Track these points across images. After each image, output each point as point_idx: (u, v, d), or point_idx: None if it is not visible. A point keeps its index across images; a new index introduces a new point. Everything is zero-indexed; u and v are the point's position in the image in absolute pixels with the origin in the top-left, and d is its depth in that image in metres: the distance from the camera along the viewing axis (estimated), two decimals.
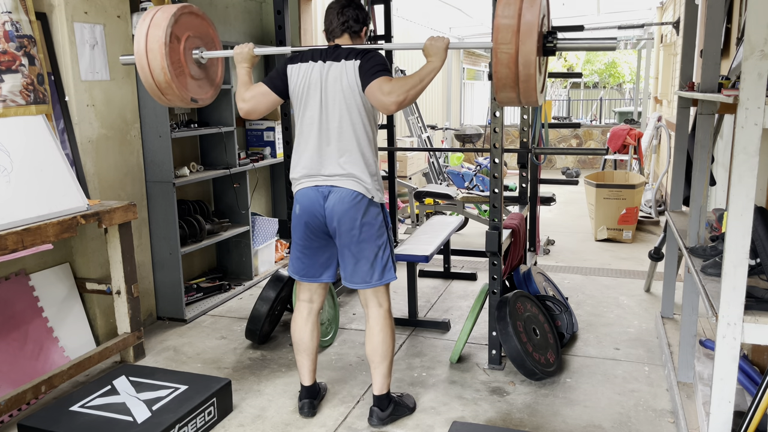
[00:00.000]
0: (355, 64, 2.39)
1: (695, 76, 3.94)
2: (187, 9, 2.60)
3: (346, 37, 2.52)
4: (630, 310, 3.96)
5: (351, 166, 2.43)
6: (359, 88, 2.39)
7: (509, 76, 2.16)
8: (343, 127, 2.42)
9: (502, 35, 2.12)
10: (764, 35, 1.64)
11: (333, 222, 2.46)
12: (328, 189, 2.45)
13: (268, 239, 4.71)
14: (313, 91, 2.45)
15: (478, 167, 8.26)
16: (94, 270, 3.36)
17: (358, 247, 2.47)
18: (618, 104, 18.92)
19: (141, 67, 2.53)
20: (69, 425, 2.41)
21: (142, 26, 2.51)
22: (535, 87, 2.19)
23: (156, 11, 2.54)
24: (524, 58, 2.11)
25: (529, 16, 2.10)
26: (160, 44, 2.47)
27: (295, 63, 2.49)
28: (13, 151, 2.74)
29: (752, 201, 1.73)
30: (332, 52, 2.45)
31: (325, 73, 2.43)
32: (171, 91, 2.56)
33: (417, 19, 9.54)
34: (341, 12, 2.50)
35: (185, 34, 2.59)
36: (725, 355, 1.82)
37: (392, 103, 2.32)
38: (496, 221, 2.99)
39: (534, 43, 2.10)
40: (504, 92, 2.23)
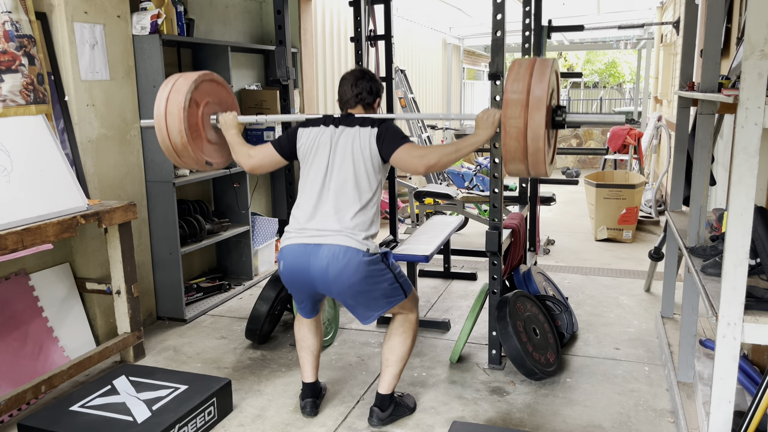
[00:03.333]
0: (372, 131, 2.44)
1: (695, 76, 3.94)
2: (208, 77, 2.74)
3: (359, 108, 2.59)
4: (630, 309, 3.96)
5: (345, 223, 2.38)
6: (372, 153, 2.43)
7: (518, 149, 2.21)
8: (346, 188, 2.42)
9: (512, 110, 2.18)
10: (764, 35, 1.64)
11: (329, 281, 2.37)
12: (315, 247, 2.36)
13: (268, 239, 4.71)
14: (321, 151, 2.48)
15: (478, 167, 8.26)
16: (94, 270, 3.36)
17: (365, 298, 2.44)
18: (618, 104, 18.92)
19: (159, 130, 2.64)
20: (69, 425, 2.41)
21: (164, 91, 2.63)
22: (543, 160, 2.23)
23: (178, 78, 2.68)
24: (533, 132, 2.17)
25: (538, 92, 2.16)
26: (179, 108, 2.58)
27: (307, 127, 2.56)
28: (13, 151, 2.74)
29: (752, 201, 1.73)
30: (345, 118, 2.52)
31: (337, 137, 2.48)
32: (187, 153, 2.67)
33: (417, 19, 9.53)
34: (355, 84, 2.57)
35: (204, 100, 2.72)
36: (725, 354, 1.82)
37: (423, 166, 2.38)
38: (496, 221, 2.99)
39: (542, 118, 2.15)
40: (513, 164, 2.28)
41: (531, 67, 2.23)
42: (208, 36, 4.43)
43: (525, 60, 2.28)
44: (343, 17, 6.69)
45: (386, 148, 2.42)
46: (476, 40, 12.72)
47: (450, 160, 2.39)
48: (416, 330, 2.65)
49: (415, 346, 3.40)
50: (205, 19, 4.40)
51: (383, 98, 2.72)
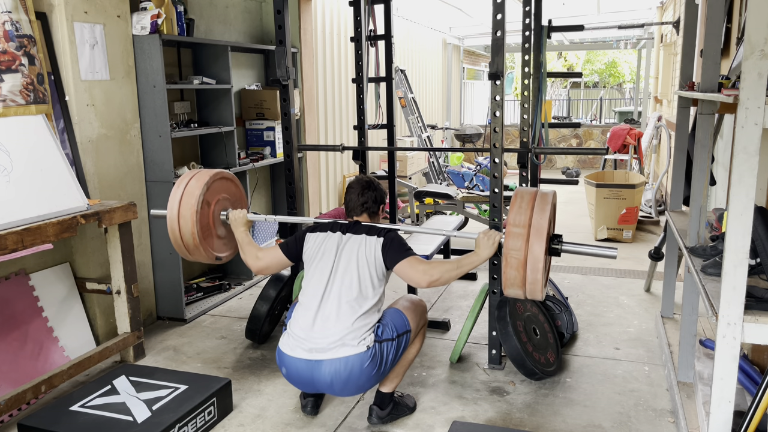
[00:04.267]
0: (378, 240, 2.52)
1: (695, 76, 3.94)
2: (219, 176, 2.86)
3: (365, 215, 2.69)
4: (630, 309, 3.96)
5: (345, 331, 2.38)
6: (376, 261, 2.49)
7: (517, 277, 2.36)
8: (349, 292, 2.45)
9: (513, 242, 2.34)
10: (764, 35, 1.64)
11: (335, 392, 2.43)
12: (316, 363, 2.37)
13: (268, 239, 4.71)
14: (327, 256, 2.53)
15: (478, 167, 8.26)
16: (94, 270, 3.36)
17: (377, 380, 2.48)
18: (618, 104, 18.92)
19: (172, 231, 2.76)
20: (69, 425, 2.41)
21: (176, 192, 2.75)
22: (540, 288, 2.36)
23: (191, 177, 2.80)
24: (533, 263, 2.31)
25: (539, 224, 2.32)
26: (192, 212, 2.71)
27: (315, 232, 2.64)
28: (13, 150, 2.74)
29: (752, 201, 1.73)
30: (352, 226, 2.59)
31: (343, 243, 2.55)
32: (198, 252, 2.80)
33: (417, 19, 9.53)
34: (361, 193, 2.68)
35: (215, 198, 2.85)
36: (725, 354, 1.82)
37: (425, 281, 2.45)
38: (496, 221, 2.99)
39: (542, 249, 2.31)
40: (511, 290, 2.42)
41: (533, 200, 2.39)
42: (208, 36, 4.43)
43: (527, 192, 2.44)
44: (343, 17, 6.69)
45: (391, 258, 2.49)
46: (476, 40, 12.72)
47: (451, 276, 2.48)
48: (425, 334, 2.69)
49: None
50: (205, 19, 4.40)
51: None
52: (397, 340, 2.48)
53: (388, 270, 2.54)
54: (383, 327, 2.47)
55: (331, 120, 6.50)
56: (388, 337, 2.46)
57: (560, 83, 22.35)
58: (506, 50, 2.89)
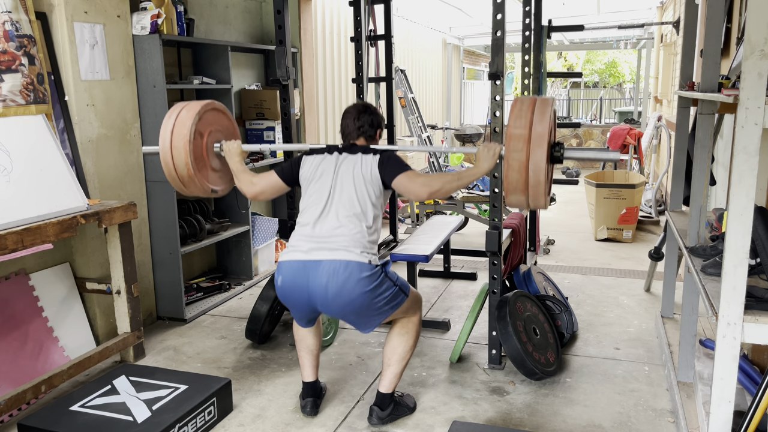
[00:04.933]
0: (374, 158, 2.51)
1: (695, 76, 3.94)
2: (211, 106, 2.77)
3: (362, 140, 2.65)
4: (630, 309, 3.96)
5: (346, 237, 2.39)
6: (373, 178, 2.48)
7: (520, 181, 2.29)
8: (348, 207, 2.45)
9: (515, 143, 2.27)
10: (764, 35, 1.64)
11: (328, 299, 2.37)
12: (315, 263, 2.37)
13: (268, 239, 4.71)
14: (324, 176, 2.53)
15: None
16: (94, 270, 3.36)
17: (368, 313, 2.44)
18: (618, 104, 18.92)
19: (165, 163, 2.68)
20: (69, 425, 2.41)
21: (167, 124, 2.67)
22: (543, 192, 2.31)
23: (181, 108, 2.71)
24: (535, 165, 2.25)
25: (540, 128, 2.25)
26: (185, 142, 2.62)
27: (311, 155, 2.62)
28: (13, 150, 2.74)
29: (752, 201, 1.73)
30: (349, 147, 2.58)
31: (340, 162, 2.54)
32: (193, 184, 2.72)
33: (417, 19, 9.53)
34: (357, 117, 2.64)
35: (208, 129, 2.76)
36: (725, 354, 1.82)
37: (425, 193, 2.44)
38: (496, 221, 2.99)
39: (544, 151, 2.24)
40: (514, 195, 2.35)
41: (532, 104, 2.34)
42: (208, 36, 4.43)
43: (526, 98, 2.38)
44: (343, 17, 6.69)
45: (388, 173, 2.48)
46: (476, 40, 12.72)
47: (452, 187, 2.45)
48: (419, 330, 2.65)
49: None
50: (205, 19, 4.40)
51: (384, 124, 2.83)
52: (396, 289, 2.46)
53: (386, 189, 2.52)
54: (390, 268, 2.48)
55: (331, 120, 6.50)
56: (392, 278, 2.46)
57: (560, 83, 22.35)
58: (506, 50, 2.89)
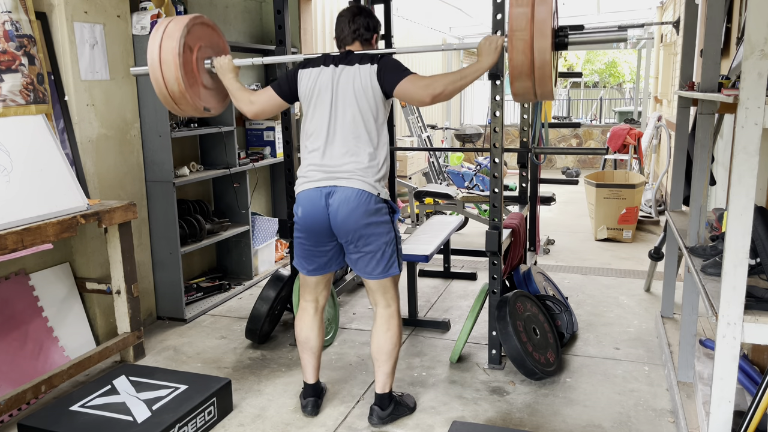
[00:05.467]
0: (372, 67, 2.41)
1: (695, 76, 3.94)
2: (199, 19, 2.66)
3: (357, 44, 2.55)
4: (630, 309, 3.96)
5: (357, 165, 2.40)
6: (374, 90, 2.41)
7: (525, 63, 2.18)
8: (353, 128, 2.42)
9: (518, 22, 2.16)
10: (764, 35, 1.64)
11: (337, 223, 2.41)
12: (331, 189, 2.40)
13: (268, 239, 4.71)
14: (323, 93, 2.45)
15: (478, 167, 8.26)
16: (94, 270, 3.36)
17: (364, 242, 2.45)
18: (618, 104, 18.91)
19: (155, 79, 2.57)
20: (69, 425, 2.41)
21: (155, 37, 2.55)
22: (550, 75, 2.20)
23: (168, 22, 2.59)
24: (539, 45, 2.14)
25: (543, 8, 2.16)
26: (174, 55, 2.52)
27: (307, 68, 2.52)
28: (13, 150, 2.74)
29: (752, 201, 1.73)
30: (344, 57, 2.48)
31: (337, 76, 2.44)
32: (185, 100, 2.61)
33: (417, 19, 9.53)
34: (352, 20, 2.52)
35: (197, 44, 2.65)
36: (725, 354, 1.82)
37: (429, 95, 2.35)
38: (496, 221, 2.99)
39: (548, 31, 2.13)
40: (520, 81, 2.24)
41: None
42: None
43: None
44: None
45: (389, 81, 2.39)
46: (476, 40, 12.69)
47: (455, 87, 2.37)
48: (400, 322, 2.61)
49: (414, 345, 3.42)
50: None
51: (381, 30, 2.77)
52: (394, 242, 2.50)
53: (388, 98, 2.46)
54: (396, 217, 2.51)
55: None
56: (395, 230, 2.51)
57: (560, 83, 22.33)
58: (506, 51, 2.88)
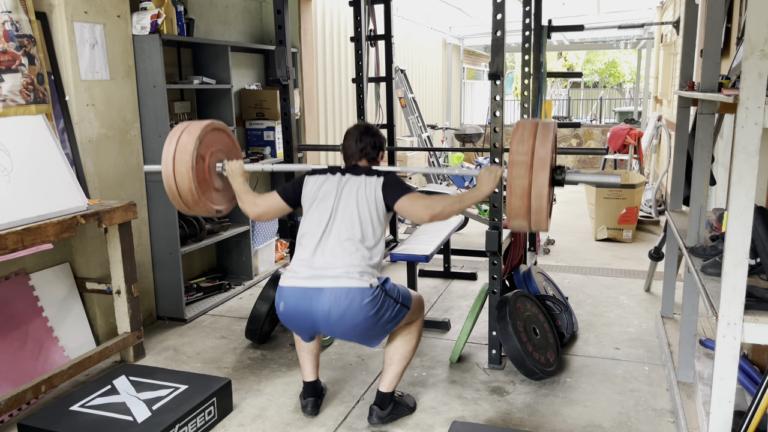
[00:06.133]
0: (378, 180, 2.51)
1: (695, 76, 3.94)
2: (210, 127, 2.76)
3: (364, 161, 2.66)
4: (630, 309, 3.96)
5: (348, 263, 2.38)
6: (377, 201, 2.48)
7: (522, 207, 2.31)
8: (349, 230, 2.44)
9: (517, 170, 2.28)
10: (764, 35, 1.64)
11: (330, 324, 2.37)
12: (317, 290, 2.35)
13: (268, 239, 4.71)
14: (327, 197, 2.52)
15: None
16: (94, 270, 3.36)
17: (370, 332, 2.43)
18: (618, 104, 18.91)
19: (169, 189, 2.69)
20: (69, 425, 2.41)
21: (168, 149, 2.66)
22: (546, 217, 2.32)
23: (181, 132, 2.69)
24: (537, 190, 2.26)
25: (542, 153, 2.27)
26: (188, 168, 2.63)
27: (314, 175, 2.62)
28: (13, 150, 2.74)
29: (752, 201, 1.73)
30: (351, 169, 2.59)
31: (343, 184, 2.54)
32: (197, 206, 2.74)
33: (417, 19, 9.53)
34: (360, 139, 2.63)
35: (209, 151, 2.77)
36: (725, 354, 1.82)
37: (428, 215, 2.44)
38: (496, 221, 2.99)
39: (546, 177, 2.26)
40: (516, 221, 2.37)
41: (534, 129, 2.35)
42: (208, 36, 4.43)
43: (528, 122, 2.39)
44: (343, 17, 6.69)
45: (391, 195, 2.48)
46: (476, 40, 12.71)
47: (453, 210, 2.46)
48: (421, 331, 2.67)
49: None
50: (205, 19, 4.40)
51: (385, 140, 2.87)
52: (398, 306, 2.45)
53: (389, 211, 2.51)
54: (390, 284, 2.46)
55: (331, 120, 6.50)
56: (393, 296, 2.45)
57: (560, 83, 22.35)
58: (506, 50, 2.89)
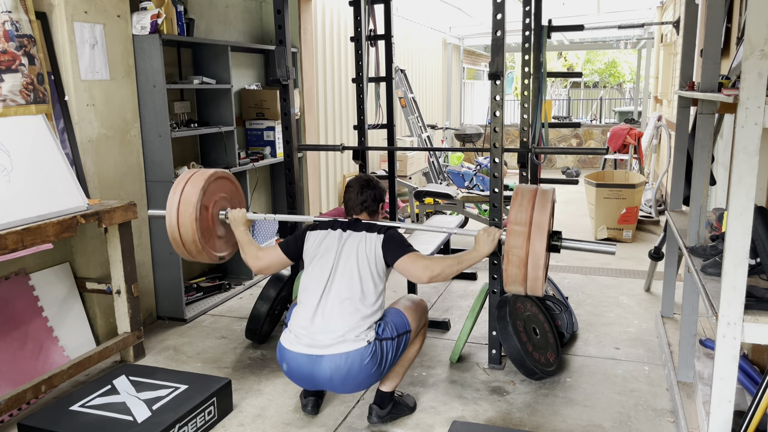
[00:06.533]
0: (378, 237, 2.53)
1: (695, 76, 3.94)
2: (214, 176, 2.82)
3: (365, 214, 2.68)
4: (630, 309, 3.96)
5: (347, 325, 2.39)
6: (377, 258, 2.50)
7: (519, 275, 2.38)
8: (349, 288, 2.45)
9: (514, 240, 2.35)
10: (764, 35, 1.64)
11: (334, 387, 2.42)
12: (317, 358, 2.36)
13: (268, 239, 4.71)
14: (328, 253, 2.54)
15: (478, 167, 8.26)
16: (94, 269, 3.36)
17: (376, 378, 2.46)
18: (618, 104, 18.91)
19: (173, 239, 2.75)
20: (69, 425, 2.41)
21: (173, 199, 2.73)
22: (541, 285, 2.39)
23: (185, 183, 2.75)
24: (534, 260, 2.33)
25: (540, 220, 2.35)
26: (191, 220, 2.70)
27: (315, 230, 2.64)
28: (13, 150, 2.74)
29: (752, 200, 1.73)
30: (353, 224, 2.60)
31: (344, 240, 2.55)
32: (201, 255, 2.80)
33: (417, 19, 9.53)
34: (360, 192, 2.68)
35: (213, 200, 2.82)
36: (725, 354, 1.82)
37: (426, 277, 2.47)
38: (496, 221, 2.99)
39: (543, 245, 2.33)
40: (513, 287, 2.44)
41: (533, 197, 2.41)
42: (208, 36, 4.43)
43: (527, 190, 2.45)
44: (343, 17, 6.69)
45: (391, 254, 2.50)
46: (476, 40, 12.72)
47: (452, 271, 2.50)
48: (425, 334, 2.70)
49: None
50: (205, 19, 4.40)
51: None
52: (396, 340, 2.48)
53: (388, 267, 2.55)
54: (384, 325, 2.47)
55: (331, 120, 6.50)
56: (388, 336, 2.46)
57: (560, 83, 22.34)
58: (506, 50, 2.89)
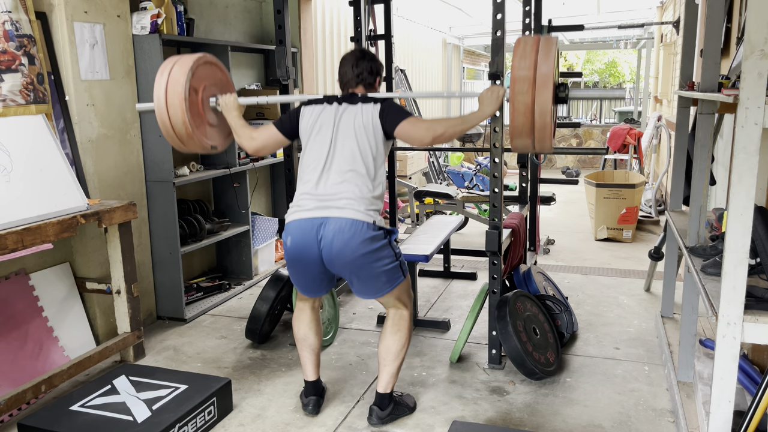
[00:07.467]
0: (375, 107, 2.45)
1: (695, 76, 3.94)
2: (203, 60, 2.70)
3: (361, 88, 2.60)
4: (630, 309, 3.96)
5: (351, 194, 2.37)
6: (375, 129, 2.43)
7: (526, 124, 2.25)
8: (350, 161, 2.42)
9: (520, 86, 2.22)
10: (764, 35, 1.64)
11: (332, 255, 2.35)
12: (323, 220, 2.34)
13: (268, 239, 4.71)
14: (324, 128, 2.48)
15: (478, 167, 8.26)
16: (94, 269, 3.36)
17: (365, 272, 2.42)
18: (618, 104, 18.90)
19: (162, 122, 2.62)
20: (69, 425, 2.41)
21: (161, 81, 2.60)
22: (550, 135, 2.27)
23: (173, 65, 2.63)
24: (540, 107, 2.20)
25: (545, 68, 2.21)
26: (181, 100, 2.56)
27: (310, 105, 2.56)
28: (13, 150, 2.74)
29: (752, 200, 1.73)
30: (348, 97, 2.52)
31: (340, 113, 2.48)
32: (191, 141, 2.66)
33: (417, 19, 9.53)
34: (355, 64, 2.57)
35: (202, 84, 2.69)
36: (725, 354, 1.82)
37: (430, 137, 2.40)
38: (496, 221, 2.99)
39: (550, 92, 2.19)
40: (520, 139, 2.31)
41: (536, 44, 2.26)
42: (208, 36, 4.43)
43: (529, 38, 2.31)
44: (343, 17, 6.69)
45: (390, 121, 2.43)
46: (476, 40, 12.72)
47: (455, 131, 2.41)
48: (410, 327, 2.62)
49: (414, 345, 3.42)
50: (205, 19, 4.40)
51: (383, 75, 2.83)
52: (397, 263, 2.44)
53: (389, 139, 2.48)
54: (395, 240, 2.44)
55: None
56: (395, 250, 2.44)
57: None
58: (506, 50, 2.89)
